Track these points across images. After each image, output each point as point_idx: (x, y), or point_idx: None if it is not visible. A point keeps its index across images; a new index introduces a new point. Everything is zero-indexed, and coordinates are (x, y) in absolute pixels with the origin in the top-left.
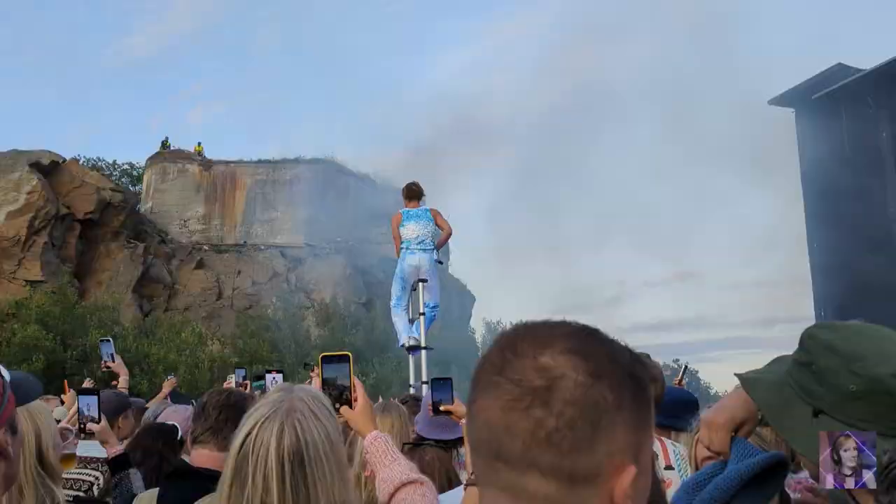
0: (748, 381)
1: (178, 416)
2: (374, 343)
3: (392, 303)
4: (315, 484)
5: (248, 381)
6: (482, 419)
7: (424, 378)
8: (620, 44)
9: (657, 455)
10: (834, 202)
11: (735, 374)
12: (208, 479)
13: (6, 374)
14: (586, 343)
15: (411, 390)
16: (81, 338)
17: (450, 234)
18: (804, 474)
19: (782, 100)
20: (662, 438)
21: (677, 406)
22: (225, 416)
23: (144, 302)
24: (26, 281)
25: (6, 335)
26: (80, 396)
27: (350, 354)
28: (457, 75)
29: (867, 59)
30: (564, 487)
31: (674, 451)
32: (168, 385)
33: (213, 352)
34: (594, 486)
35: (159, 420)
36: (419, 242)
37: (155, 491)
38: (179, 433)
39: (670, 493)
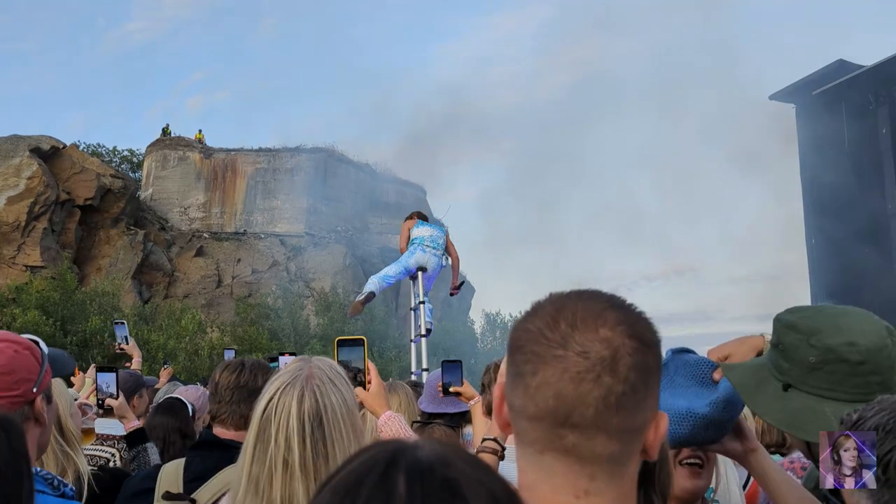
0: (727, 366)
1: (189, 394)
2: (373, 332)
3: (380, 274)
4: (333, 444)
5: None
6: (551, 391)
7: (425, 365)
8: (620, 36)
9: None
10: (833, 198)
11: (718, 362)
12: (233, 450)
13: (45, 348)
14: (631, 315)
15: (412, 377)
16: (81, 323)
17: (458, 260)
18: (797, 454)
19: (783, 95)
20: None
21: None
22: (238, 397)
23: (144, 289)
24: (26, 266)
25: (6, 320)
26: (98, 374)
27: (364, 339)
28: (456, 65)
29: (868, 56)
30: (624, 443)
31: None
32: (165, 374)
33: (213, 339)
34: (640, 436)
35: (179, 394)
36: (432, 241)
37: (181, 461)
38: (191, 409)
39: None
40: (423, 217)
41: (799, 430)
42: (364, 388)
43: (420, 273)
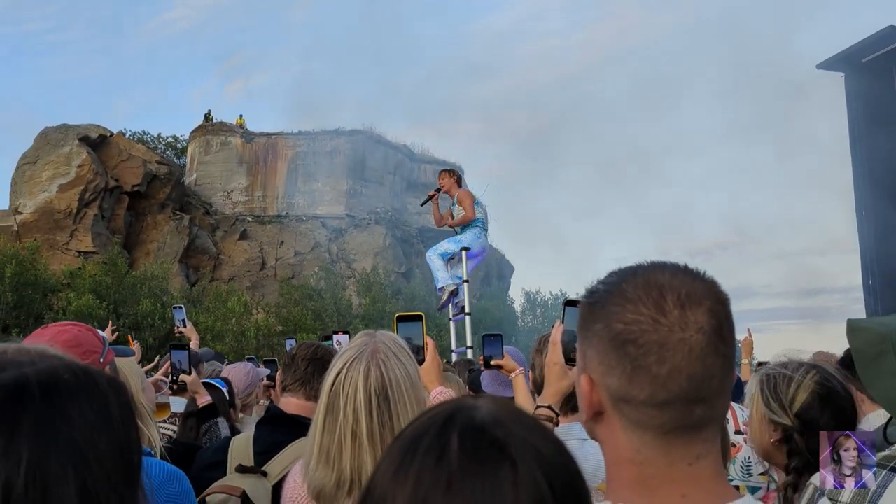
0: (852, 328)
1: (237, 371)
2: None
3: (438, 251)
4: (398, 416)
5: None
6: (683, 375)
7: (469, 343)
8: (665, 9)
9: (727, 420)
10: (885, 169)
11: (848, 320)
12: (300, 425)
13: (104, 334)
14: (710, 281)
15: (453, 355)
16: (132, 306)
17: (466, 220)
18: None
19: (831, 64)
20: (733, 404)
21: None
22: (312, 368)
23: (191, 272)
24: (79, 252)
25: (62, 304)
26: (172, 351)
27: (423, 314)
28: (495, 43)
29: None
30: (730, 396)
31: (742, 416)
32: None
33: (258, 320)
34: None
35: (222, 375)
36: (483, 224)
37: (250, 434)
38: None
39: (740, 456)
40: (461, 178)
41: None
42: (420, 363)
43: (464, 252)
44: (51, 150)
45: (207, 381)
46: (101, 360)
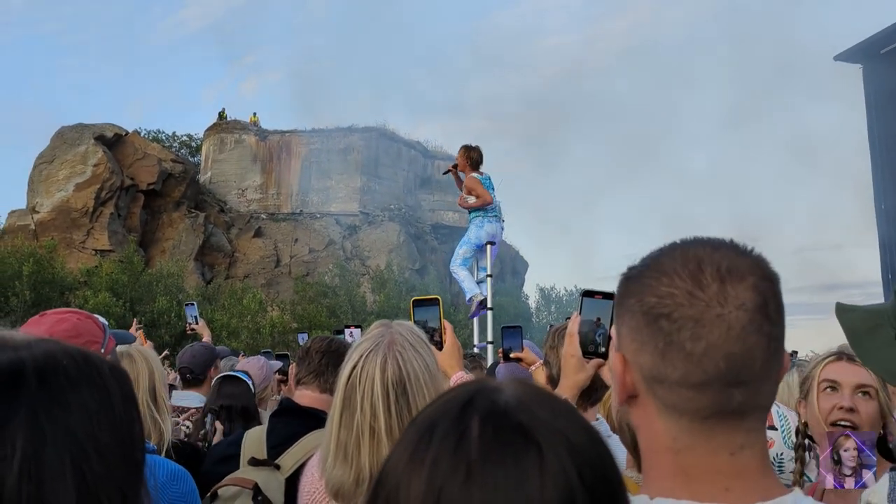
0: (843, 308)
1: (251, 365)
2: None
3: (458, 262)
4: (418, 410)
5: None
6: (720, 353)
7: (490, 338)
8: (680, 5)
9: None
10: None
11: (837, 303)
12: (313, 418)
13: (104, 320)
14: (756, 256)
15: (475, 349)
16: (149, 304)
17: (479, 205)
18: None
19: (849, 55)
20: None
21: None
22: (327, 360)
23: (206, 269)
24: (95, 250)
25: (79, 302)
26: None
27: (440, 298)
28: (507, 39)
29: None
30: (777, 383)
31: (777, 412)
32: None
33: (273, 318)
34: None
35: (237, 369)
36: (494, 210)
37: (264, 427)
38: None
39: (772, 452)
40: (480, 162)
41: None
42: (439, 347)
43: (489, 246)
44: (67, 149)
45: (232, 373)
46: (102, 351)
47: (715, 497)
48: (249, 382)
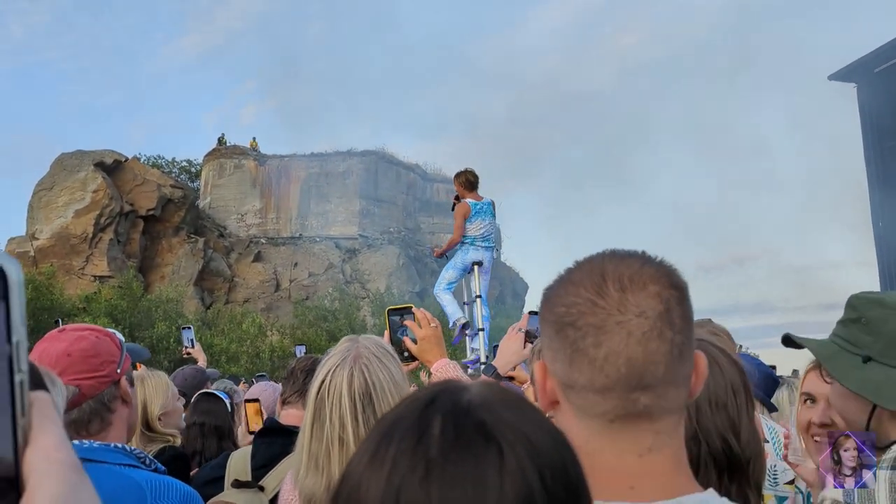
0: (802, 339)
1: (266, 395)
2: None
3: (442, 286)
4: None
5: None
6: (621, 359)
7: (483, 359)
8: (675, 22)
9: None
10: None
11: (787, 334)
12: (296, 436)
13: (122, 337)
14: (664, 266)
15: (469, 370)
16: (148, 330)
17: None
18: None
19: (843, 74)
20: (757, 413)
21: (768, 381)
22: (310, 379)
23: (205, 294)
24: (94, 276)
25: None
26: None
27: (413, 306)
28: (504, 61)
29: None
30: (685, 389)
31: (766, 426)
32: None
33: (273, 342)
34: (690, 379)
35: (251, 393)
36: (483, 239)
37: (248, 448)
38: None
39: (766, 465)
40: (475, 185)
41: (885, 400)
42: (415, 342)
43: (476, 267)
44: (67, 175)
45: (211, 391)
46: (119, 371)
47: (619, 495)
48: (227, 402)
